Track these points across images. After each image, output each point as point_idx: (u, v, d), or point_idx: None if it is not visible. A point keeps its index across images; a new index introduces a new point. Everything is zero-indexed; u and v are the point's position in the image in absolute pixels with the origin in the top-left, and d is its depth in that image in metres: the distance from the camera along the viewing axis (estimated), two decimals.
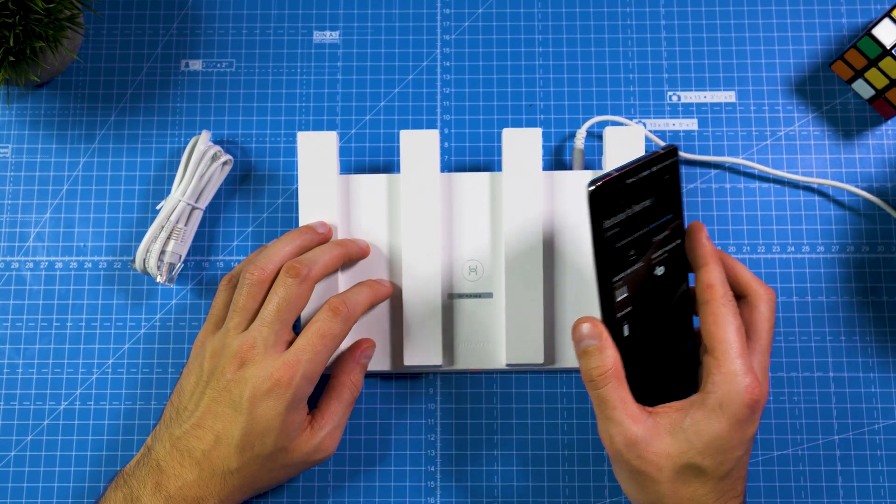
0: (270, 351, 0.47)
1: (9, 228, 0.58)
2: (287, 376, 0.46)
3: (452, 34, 0.61)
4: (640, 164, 0.44)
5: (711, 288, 0.46)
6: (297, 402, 0.47)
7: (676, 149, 0.46)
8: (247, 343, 0.47)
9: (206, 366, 0.48)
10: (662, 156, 0.45)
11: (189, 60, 0.61)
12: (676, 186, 0.46)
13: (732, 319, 0.45)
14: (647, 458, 0.45)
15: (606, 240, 0.44)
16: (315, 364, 0.47)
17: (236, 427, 0.46)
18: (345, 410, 0.51)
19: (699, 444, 0.44)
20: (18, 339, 0.57)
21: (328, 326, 0.48)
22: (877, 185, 0.58)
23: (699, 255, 0.47)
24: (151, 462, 0.47)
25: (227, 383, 0.47)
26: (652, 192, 0.45)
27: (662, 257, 0.47)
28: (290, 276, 0.48)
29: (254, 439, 0.46)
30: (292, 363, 0.46)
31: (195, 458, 0.47)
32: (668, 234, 0.47)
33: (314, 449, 0.49)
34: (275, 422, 0.46)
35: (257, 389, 0.46)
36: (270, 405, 0.46)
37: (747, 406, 0.44)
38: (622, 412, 0.45)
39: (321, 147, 0.54)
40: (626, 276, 0.45)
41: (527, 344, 0.53)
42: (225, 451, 0.47)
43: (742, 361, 0.45)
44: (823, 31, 0.60)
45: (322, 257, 0.50)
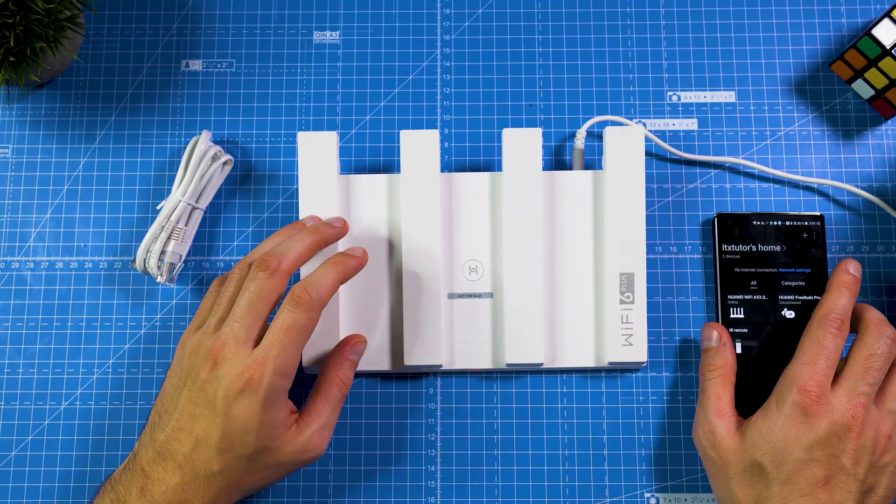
0: (242, 347, 0.46)
1: (9, 228, 0.58)
2: (257, 374, 0.45)
3: (452, 34, 0.61)
4: (775, 214, 0.56)
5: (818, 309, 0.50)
6: (274, 399, 0.46)
7: (822, 217, 0.56)
8: (219, 341, 0.46)
9: (185, 366, 0.48)
10: (804, 216, 0.56)
11: (189, 60, 0.61)
12: (818, 247, 0.55)
13: (821, 336, 0.49)
14: (720, 451, 0.49)
15: (724, 261, 0.56)
16: (285, 359, 0.46)
17: (214, 428, 0.45)
18: (333, 408, 0.50)
19: (760, 441, 0.47)
20: (19, 339, 0.57)
21: (291, 318, 0.46)
22: (877, 185, 0.58)
23: (830, 281, 0.52)
24: (136, 467, 0.47)
25: (203, 384, 0.46)
26: (783, 241, 0.55)
27: (793, 303, 0.55)
28: (261, 270, 0.47)
29: (233, 440, 0.45)
30: (261, 360, 0.45)
31: (177, 462, 0.46)
32: (802, 284, 0.55)
33: (301, 448, 0.48)
34: (252, 421, 0.45)
35: (230, 389, 0.45)
36: (245, 404, 0.45)
37: (796, 405, 0.47)
38: (713, 403, 0.50)
39: (321, 147, 0.54)
40: (743, 300, 0.55)
41: (527, 344, 0.53)
42: (205, 454, 0.46)
43: (807, 369, 0.48)
44: (823, 31, 0.60)
45: (294, 247, 0.48)
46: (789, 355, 0.53)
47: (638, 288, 0.54)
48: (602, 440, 0.55)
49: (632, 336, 0.54)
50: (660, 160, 0.59)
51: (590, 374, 0.56)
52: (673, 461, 0.55)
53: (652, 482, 0.55)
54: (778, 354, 0.54)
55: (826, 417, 0.47)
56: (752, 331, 0.55)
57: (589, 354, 0.55)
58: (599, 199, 0.55)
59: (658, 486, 0.55)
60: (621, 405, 0.56)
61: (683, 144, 0.59)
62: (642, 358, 0.54)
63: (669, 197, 0.58)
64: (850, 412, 0.47)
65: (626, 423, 0.56)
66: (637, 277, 0.54)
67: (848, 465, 0.46)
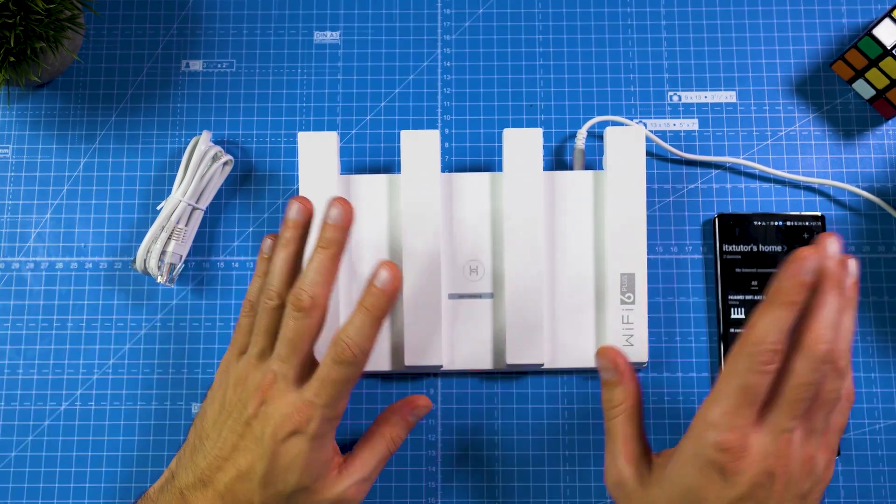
0: (291, 386, 0.46)
1: (9, 229, 0.58)
2: (305, 419, 0.45)
3: (453, 34, 0.61)
4: (776, 215, 0.56)
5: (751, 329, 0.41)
6: (321, 440, 0.46)
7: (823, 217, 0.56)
8: (267, 379, 0.46)
9: (230, 396, 0.48)
10: (804, 217, 0.56)
11: (189, 61, 0.61)
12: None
13: (745, 375, 0.40)
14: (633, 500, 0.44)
15: (725, 261, 0.55)
16: (331, 408, 0.46)
17: (260, 463, 0.45)
18: (378, 463, 0.50)
19: (674, 497, 0.42)
20: (18, 339, 0.57)
21: (338, 372, 0.45)
22: (877, 185, 0.58)
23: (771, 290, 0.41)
24: (175, 489, 0.47)
25: (250, 418, 0.46)
26: (784, 241, 0.55)
27: None
28: (296, 310, 0.46)
29: (277, 475, 0.46)
30: (310, 405, 0.45)
31: (218, 491, 0.46)
32: None
33: (338, 497, 0.48)
34: (298, 459, 0.45)
35: (279, 428, 0.45)
36: (293, 443, 0.45)
37: (712, 465, 0.40)
38: (621, 447, 0.45)
39: (322, 147, 0.54)
40: (744, 301, 0.55)
41: (527, 344, 0.53)
42: (248, 486, 0.46)
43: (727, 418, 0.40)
44: (824, 31, 0.60)
45: (321, 276, 0.47)
46: None
47: (639, 288, 0.54)
48: (602, 440, 0.55)
49: (632, 336, 0.54)
50: (660, 160, 0.59)
51: (590, 374, 0.56)
52: None
53: None
54: None
55: (749, 471, 0.40)
56: None
57: (589, 355, 0.55)
58: (600, 199, 0.55)
59: None
60: None
61: (684, 144, 0.59)
62: (643, 358, 0.54)
63: (670, 197, 0.58)
64: (775, 455, 0.40)
65: None
66: (638, 278, 0.54)
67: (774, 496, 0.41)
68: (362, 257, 0.55)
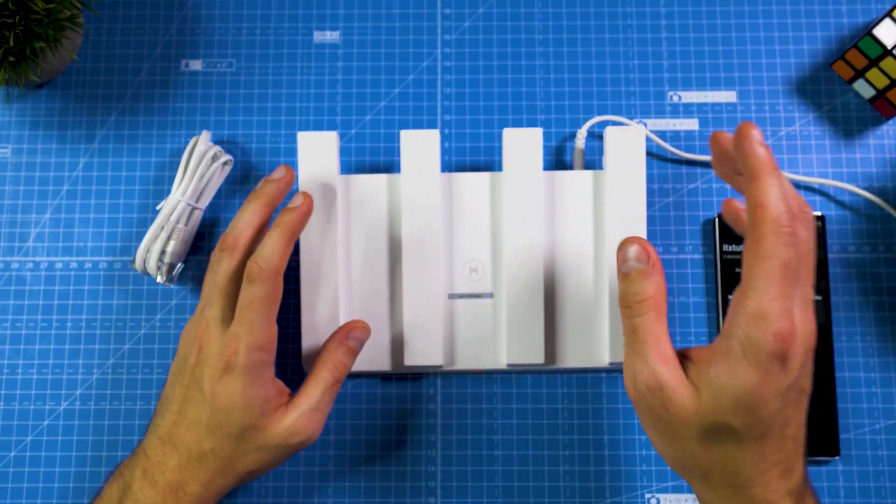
0: (220, 328, 0.48)
1: (9, 228, 0.58)
2: (233, 351, 0.47)
3: (452, 34, 0.61)
4: None
5: (762, 209, 0.38)
6: (255, 375, 0.47)
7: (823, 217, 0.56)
8: (201, 327, 0.49)
9: (180, 354, 0.50)
10: None
11: (189, 60, 0.61)
12: (818, 246, 0.54)
13: (781, 251, 0.38)
14: (673, 409, 0.40)
15: (725, 261, 0.55)
16: (255, 333, 0.47)
17: (203, 409, 0.47)
18: (323, 392, 0.49)
19: (726, 402, 0.39)
20: (18, 339, 0.57)
21: (251, 293, 0.47)
22: (877, 185, 0.58)
23: (749, 166, 0.39)
24: (140, 452, 0.49)
25: (192, 368, 0.48)
26: None
27: None
28: (221, 251, 0.49)
29: (220, 418, 0.47)
30: (233, 337, 0.47)
31: (174, 444, 0.48)
32: None
33: (288, 431, 0.48)
34: (235, 397, 0.47)
35: (213, 369, 0.47)
36: (227, 381, 0.47)
37: (775, 356, 0.38)
38: (653, 348, 0.41)
39: (321, 147, 0.54)
40: None
41: (527, 344, 0.53)
42: (197, 434, 0.47)
43: (778, 305, 0.38)
44: (824, 31, 0.60)
45: (245, 220, 0.50)
46: None
47: None
48: (602, 440, 0.55)
49: None
50: (660, 160, 0.59)
51: (590, 374, 0.56)
52: None
53: (652, 482, 0.55)
54: None
55: (798, 352, 0.38)
56: None
57: (589, 355, 0.55)
58: (600, 199, 0.55)
59: (658, 487, 0.55)
60: (621, 405, 0.56)
61: (684, 144, 0.59)
62: None
63: (670, 197, 0.58)
64: (811, 331, 0.39)
65: (626, 424, 0.55)
66: None
67: (805, 383, 0.41)
68: (361, 256, 0.55)
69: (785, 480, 0.40)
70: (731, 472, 0.41)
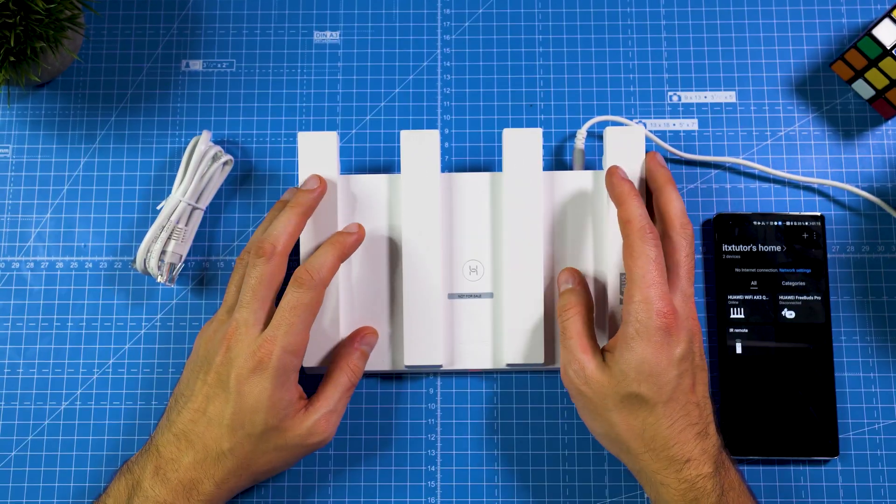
0: (251, 331, 0.48)
1: (9, 228, 0.58)
2: (267, 353, 0.47)
3: (452, 34, 0.61)
4: (775, 214, 0.56)
5: (629, 223, 0.49)
6: (284, 378, 0.48)
7: (822, 217, 0.56)
8: (231, 327, 0.48)
9: (201, 352, 0.50)
10: (804, 216, 0.56)
11: (189, 60, 0.61)
12: (818, 248, 0.55)
13: (648, 251, 0.48)
14: (593, 386, 0.48)
15: (724, 261, 0.56)
16: (292, 336, 0.48)
17: (227, 406, 0.47)
18: (341, 395, 0.51)
19: (631, 373, 0.47)
20: (18, 339, 0.57)
21: (296, 298, 0.48)
22: (877, 185, 0.58)
23: (615, 194, 0.51)
24: (152, 448, 0.49)
25: (217, 367, 0.48)
26: (783, 241, 0.55)
27: (794, 303, 0.55)
28: (258, 257, 0.49)
29: (243, 417, 0.47)
30: (269, 339, 0.47)
31: (190, 441, 0.48)
32: (802, 284, 0.55)
33: (308, 431, 0.49)
34: (262, 398, 0.47)
35: (242, 368, 0.47)
36: (256, 382, 0.47)
37: (660, 330, 0.47)
38: (577, 342, 0.50)
39: (321, 147, 0.54)
40: (743, 300, 0.55)
41: (527, 344, 0.53)
42: (217, 432, 0.48)
43: (655, 290, 0.47)
44: (823, 32, 0.60)
45: (283, 227, 0.50)
46: (790, 355, 0.53)
47: None
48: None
49: None
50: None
51: None
52: None
53: None
54: (778, 354, 0.54)
55: (682, 329, 0.48)
56: (752, 331, 0.55)
57: None
58: (600, 199, 0.55)
59: None
60: None
61: (684, 144, 0.59)
62: None
63: None
64: (691, 315, 0.49)
65: None
66: None
67: (698, 360, 0.49)
68: (362, 257, 0.55)
69: (700, 441, 0.47)
70: (649, 436, 0.47)
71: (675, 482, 0.47)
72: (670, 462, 0.47)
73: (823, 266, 0.55)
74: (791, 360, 0.54)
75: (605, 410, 0.48)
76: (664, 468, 0.47)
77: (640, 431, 0.47)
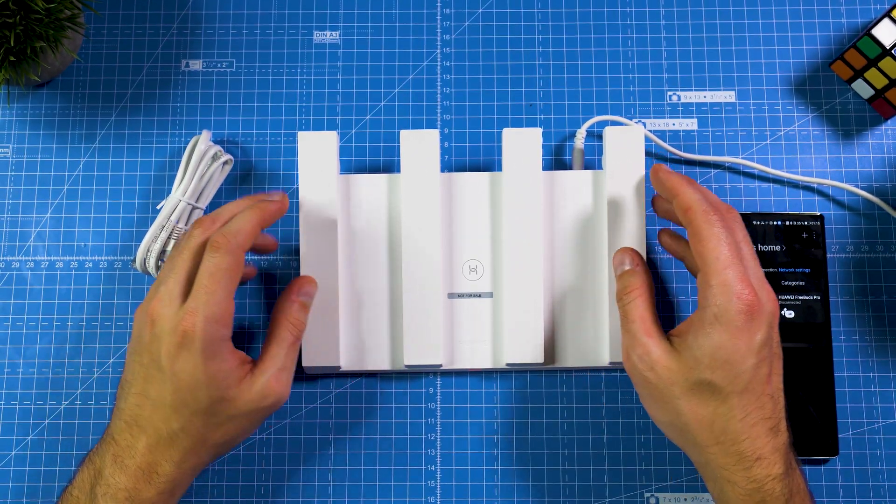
0: (173, 303, 0.46)
1: (9, 228, 0.58)
2: (190, 325, 0.45)
3: (452, 34, 0.61)
4: (775, 214, 0.56)
5: (689, 210, 0.47)
6: (214, 349, 0.46)
7: (822, 217, 0.56)
8: (153, 303, 0.47)
9: (133, 333, 0.48)
10: (803, 216, 0.56)
11: (189, 60, 0.61)
12: (817, 247, 0.55)
13: (718, 232, 0.46)
14: (660, 372, 0.46)
15: None
16: (214, 304, 0.45)
17: (165, 388, 0.46)
18: (287, 351, 0.49)
19: (705, 359, 0.45)
20: (18, 339, 0.57)
21: (213, 263, 0.46)
22: (877, 185, 0.58)
23: (669, 187, 0.49)
24: (108, 437, 0.48)
25: (147, 346, 0.47)
26: (783, 241, 0.55)
27: (793, 303, 0.55)
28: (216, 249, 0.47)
29: (185, 396, 0.46)
30: (191, 311, 0.45)
31: (141, 426, 0.47)
32: (802, 284, 0.55)
33: (259, 395, 0.47)
34: (196, 373, 0.45)
35: (170, 345, 0.45)
36: (186, 358, 0.45)
37: (743, 313, 0.44)
38: (639, 326, 0.48)
39: (321, 147, 0.54)
40: None
41: (526, 344, 0.53)
42: (163, 413, 0.46)
43: (732, 271, 0.45)
44: (823, 31, 0.60)
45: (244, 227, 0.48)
46: (789, 355, 0.53)
47: None
48: (602, 440, 0.55)
49: None
50: (660, 160, 0.59)
51: (590, 373, 0.56)
52: (673, 461, 0.55)
53: (652, 482, 0.55)
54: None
55: (764, 313, 0.45)
56: None
57: (588, 354, 0.55)
58: (599, 199, 0.55)
59: (658, 486, 0.55)
60: (621, 405, 0.56)
61: (683, 144, 0.59)
62: None
63: None
64: (770, 297, 0.46)
65: (625, 423, 0.56)
66: None
67: (776, 348, 0.47)
68: (361, 256, 0.55)
69: (772, 438, 0.45)
70: (718, 428, 0.45)
71: (743, 481, 0.44)
72: (739, 458, 0.44)
73: (823, 266, 0.55)
74: (790, 359, 0.54)
75: (672, 398, 0.46)
76: (732, 464, 0.44)
77: (709, 422, 0.45)
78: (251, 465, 0.55)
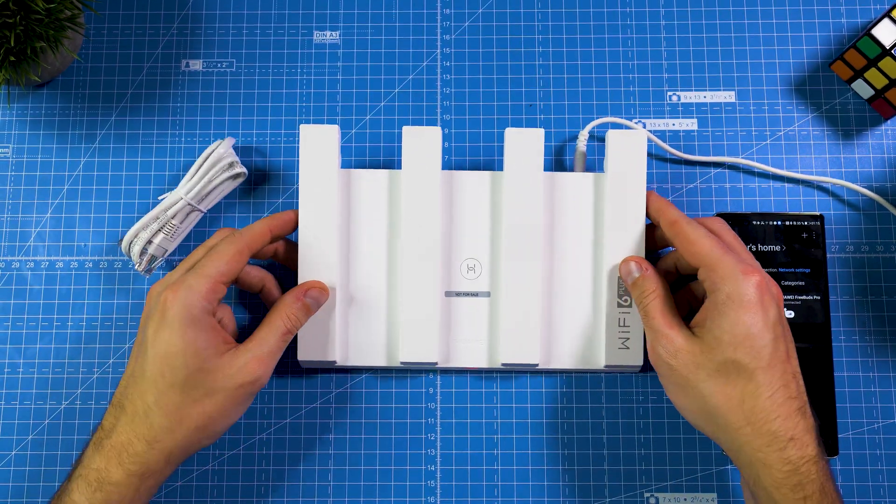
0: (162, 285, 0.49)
1: (9, 228, 0.58)
2: (172, 295, 0.47)
3: (452, 34, 0.61)
4: (775, 214, 0.56)
5: (675, 223, 0.50)
6: (193, 317, 0.47)
7: (822, 216, 0.56)
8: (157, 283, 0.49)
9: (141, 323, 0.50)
10: (803, 216, 0.56)
11: (189, 60, 0.61)
12: (817, 247, 0.55)
13: (703, 231, 0.49)
14: (684, 358, 0.47)
15: None
16: (199, 277, 0.48)
17: (145, 359, 0.47)
18: (276, 338, 0.49)
19: (725, 337, 0.46)
20: (18, 339, 0.57)
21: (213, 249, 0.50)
22: (876, 185, 0.58)
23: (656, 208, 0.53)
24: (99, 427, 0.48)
25: (142, 326, 0.48)
26: (783, 241, 0.55)
27: (793, 303, 0.55)
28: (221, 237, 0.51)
29: (162, 366, 0.46)
30: (175, 282, 0.47)
31: (122, 406, 0.47)
32: (802, 284, 0.55)
33: (238, 370, 0.47)
34: (174, 340, 0.46)
35: (153, 319, 0.47)
36: (165, 327, 0.46)
37: (753, 287, 0.46)
38: (660, 321, 0.49)
39: (323, 139, 0.54)
40: None
41: (523, 344, 0.53)
42: (141, 387, 0.47)
43: (731, 256, 0.48)
44: (823, 31, 0.60)
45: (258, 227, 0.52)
46: None
47: None
48: (602, 440, 0.55)
49: (628, 339, 0.54)
50: (660, 160, 0.59)
51: (589, 374, 0.56)
52: (673, 461, 0.55)
53: (652, 482, 0.55)
54: None
55: (770, 291, 0.47)
56: None
57: (585, 357, 0.55)
58: (600, 202, 0.55)
59: (658, 486, 0.55)
60: (621, 405, 0.56)
61: (683, 144, 0.59)
62: (638, 362, 0.54)
63: (669, 197, 0.58)
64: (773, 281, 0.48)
65: (625, 423, 0.55)
66: None
67: (787, 331, 0.48)
68: (361, 251, 0.55)
69: (802, 419, 0.45)
70: (748, 407, 0.45)
71: (779, 462, 0.44)
72: (773, 438, 0.44)
73: (823, 266, 0.55)
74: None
75: (698, 382, 0.46)
76: (766, 445, 0.44)
77: (738, 402, 0.45)
78: (251, 465, 0.55)
